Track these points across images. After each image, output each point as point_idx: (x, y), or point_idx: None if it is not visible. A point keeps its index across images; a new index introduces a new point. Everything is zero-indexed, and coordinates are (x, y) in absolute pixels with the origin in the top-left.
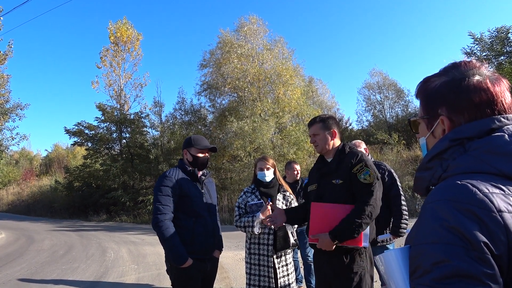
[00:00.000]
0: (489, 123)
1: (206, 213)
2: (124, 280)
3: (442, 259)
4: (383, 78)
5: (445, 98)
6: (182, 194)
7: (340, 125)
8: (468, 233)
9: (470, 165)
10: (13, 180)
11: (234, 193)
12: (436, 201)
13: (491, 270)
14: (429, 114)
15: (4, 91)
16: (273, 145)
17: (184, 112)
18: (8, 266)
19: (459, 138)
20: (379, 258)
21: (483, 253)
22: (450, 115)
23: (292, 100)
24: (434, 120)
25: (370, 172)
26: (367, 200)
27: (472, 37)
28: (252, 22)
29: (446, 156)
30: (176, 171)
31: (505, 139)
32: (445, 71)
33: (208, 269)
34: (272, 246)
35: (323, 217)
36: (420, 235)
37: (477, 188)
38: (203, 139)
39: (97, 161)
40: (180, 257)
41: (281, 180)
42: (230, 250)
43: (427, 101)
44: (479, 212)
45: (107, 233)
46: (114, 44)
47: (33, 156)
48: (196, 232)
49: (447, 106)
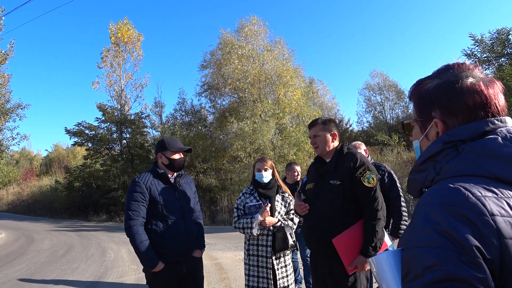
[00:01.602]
0: (482, 126)
1: (178, 216)
2: (123, 281)
3: (434, 263)
4: (383, 79)
5: (439, 100)
6: (152, 198)
7: (339, 126)
8: (460, 237)
9: (463, 168)
10: (13, 180)
11: (234, 194)
12: (429, 204)
13: (483, 274)
14: (422, 117)
15: (5, 91)
16: (273, 146)
17: (184, 113)
18: (8, 266)
19: (453, 140)
20: (372, 261)
21: (475, 257)
22: (443, 117)
23: (293, 101)
24: (428, 123)
25: (372, 175)
26: (375, 207)
27: (472, 39)
28: (253, 23)
29: (440, 158)
30: (146, 175)
31: (498, 142)
32: (438, 74)
33: (184, 270)
34: (271, 247)
35: (348, 245)
36: (413, 238)
37: (470, 192)
38: (177, 141)
39: (98, 162)
40: (150, 260)
41: (280, 181)
42: (230, 251)
43: (420, 104)
44: (472, 216)
45: (107, 233)
46: (115, 44)
47: (33, 156)
48: (167, 235)
49: (440, 108)
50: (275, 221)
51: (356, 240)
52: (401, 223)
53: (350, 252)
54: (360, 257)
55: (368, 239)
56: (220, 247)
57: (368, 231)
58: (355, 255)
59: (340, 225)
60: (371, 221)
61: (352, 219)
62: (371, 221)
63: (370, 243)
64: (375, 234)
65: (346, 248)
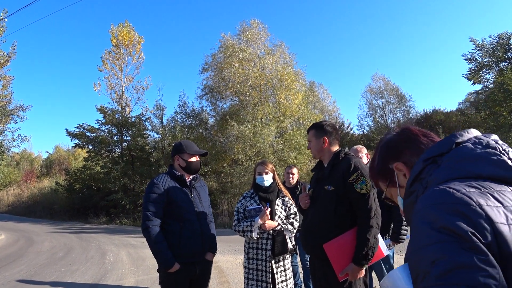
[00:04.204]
0: (453, 139)
1: (194, 218)
2: (123, 283)
3: (438, 257)
4: (385, 83)
5: (386, 155)
6: (169, 200)
7: (338, 130)
8: (455, 228)
9: (446, 175)
10: (13, 182)
11: (234, 197)
12: (421, 209)
13: (485, 256)
14: (386, 179)
15: (7, 92)
16: (274, 150)
17: (185, 116)
18: (7, 268)
19: (431, 156)
20: (386, 280)
21: (473, 242)
22: (401, 158)
23: (293, 104)
24: (392, 176)
25: (366, 181)
26: (368, 214)
27: (473, 43)
28: (254, 27)
29: (423, 175)
30: (164, 177)
31: (470, 147)
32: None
33: (198, 272)
34: (270, 251)
35: (339, 251)
36: (414, 244)
37: (454, 189)
38: (193, 145)
39: (98, 164)
40: (167, 261)
41: (280, 185)
42: (230, 254)
43: (380, 166)
44: (461, 208)
45: (107, 235)
46: (116, 47)
47: (34, 158)
48: (183, 236)
49: (392, 157)
50: (275, 224)
51: (348, 247)
52: (401, 228)
53: (342, 258)
54: (351, 264)
55: (359, 247)
56: (220, 250)
57: (359, 239)
58: (347, 262)
59: (334, 231)
60: (363, 229)
61: (347, 225)
62: (363, 229)
63: (361, 251)
64: (366, 243)
65: (337, 254)
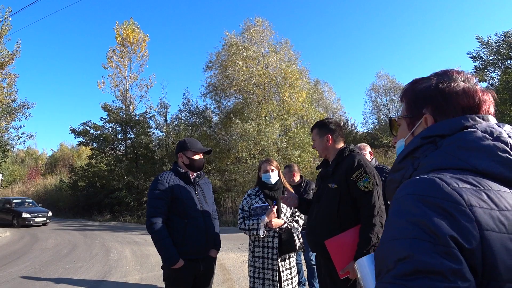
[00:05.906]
0: (462, 121)
1: (198, 214)
2: (127, 280)
3: (406, 255)
4: (389, 81)
5: (432, 98)
6: (174, 197)
7: (341, 127)
8: (434, 227)
9: (441, 161)
10: (18, 179)
11: (238, 195)
12: (401, 197)
13: (458, 265)
14: (412, 113)
15: (11, 90)
16: (278, 148)
17: (189, 114)
18: (12, 264)
19: (431, 135)
20: (356, 266)
21: (449, 247)
22: (434, 115)
23: (297, 102)
24: (417, 120)
25: (369, 178)
26: (371, 212)
27: (479, 41)
28: (258, 24)
29: (418, 154)
30: (168, 174)
31: (477, 135)
32: (436, 75)
33: (202, 269)
34: (277, 249)
35: (341, 249)
36: (385, 234)
37: (445, 182)
38: (197, 142)
39: (102, 161)
40: (171, 257)
41: (285, 182)
42: (233, 252)
43: (413, 101)
44: (447, 206)
45: (111, 233)
46: (120, 45)
47: (38, 155)
48: (188, 233)
49: (433, 106)
50: (281, 223)
51: (350, 244)
52: None
53: (344, 256)
54: (352, 262)
55: (361, 245)
56: (224, 248)
57: (361, 237)
58: (349, 260)
59: (337, 228)
60: (365, 227)
61: (350, 223)
62: (365, 227)
63: (363, 250)
64: (369, 241)
65: (339, 251)
